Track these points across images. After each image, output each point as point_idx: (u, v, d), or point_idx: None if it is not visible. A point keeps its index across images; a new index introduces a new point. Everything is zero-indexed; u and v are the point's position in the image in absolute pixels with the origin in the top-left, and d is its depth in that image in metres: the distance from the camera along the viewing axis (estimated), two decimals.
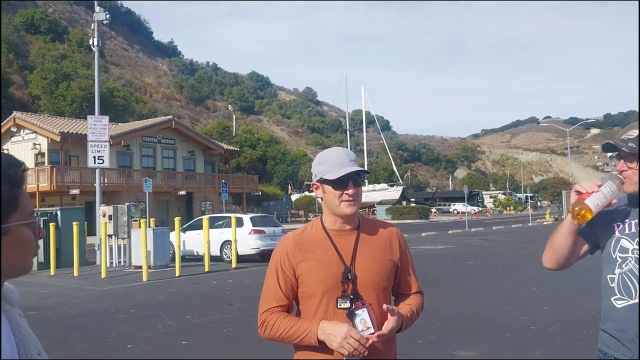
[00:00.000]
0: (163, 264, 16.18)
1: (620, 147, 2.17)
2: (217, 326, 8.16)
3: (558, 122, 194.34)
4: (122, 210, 17.65)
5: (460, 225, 39.22)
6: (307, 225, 2.27)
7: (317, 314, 2.09)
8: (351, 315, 2.05)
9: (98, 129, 18.93)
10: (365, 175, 2.18)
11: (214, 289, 12.38)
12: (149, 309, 9.93)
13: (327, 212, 2.19)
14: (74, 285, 13.58)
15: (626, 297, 2.17)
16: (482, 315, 8.52)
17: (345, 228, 2.17)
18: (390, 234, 2.23)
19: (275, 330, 2.10)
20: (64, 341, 7.39)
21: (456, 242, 24.51)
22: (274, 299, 2.15)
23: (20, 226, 1.24)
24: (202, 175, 44.55)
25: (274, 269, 2.19)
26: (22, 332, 1.29)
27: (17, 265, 1.26)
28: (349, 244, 2.15)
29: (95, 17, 21.45)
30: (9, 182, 1.22)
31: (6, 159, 1.24)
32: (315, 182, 2.20)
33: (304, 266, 2.12)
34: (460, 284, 12.26)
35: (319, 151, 25.73)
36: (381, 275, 2.14)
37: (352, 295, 2.08)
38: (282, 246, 2.20)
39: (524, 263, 15.86)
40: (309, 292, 2.12)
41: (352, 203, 2.11)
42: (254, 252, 17.72)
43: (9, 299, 1.31)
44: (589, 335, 6.67)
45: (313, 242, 2.17)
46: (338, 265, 2.10)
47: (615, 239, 2.24)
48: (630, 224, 2.23)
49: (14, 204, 1.23)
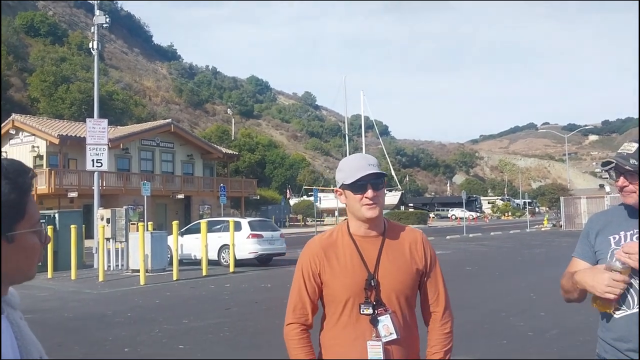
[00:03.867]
0: (161, 267, 16.16)
1: (623, 166, 2.15)
2: (214, 330, 8.15)
3: (556, 128, 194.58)
4: (120, 214, 17.64)
5: (458, 230, 39.24)
6: (333, 229, 2.29)
7: (342, 318, 2.14)
8: (374, 321, 2.08)
9: (97, 132, 18.94)
10: (384, 179, 2.18)
11: (212, 293, 12.36)
12: (146, 312, 9.92)
13: (352, 217, 2.22)
14: (72, 289, 13.56)
15: (624, 307, 2.17)
16: (480, 321, 8.52)
17: (371, 234, 2.19)
18: (415, 240, 2.24)
19: (288, 348, 2.20)
20: (61, 344, 7.37)
21: (454, 248, 24.50)
22: (299, 312, 2.19)
23: (27, 233, 1.25)
24: (201, 179, 44.52)
25: (300, 272, 2.22)
26: (24, 335, 1.30)
27: (22, 272, 1.27)
28: (374, 250, 2.16)
29: (95, 20, 21.49)
30: (18, 190, 1.23)
31: (16, 166, 1.25)
32: (338, 189, 2.22)
33: (329, 271, 2.15)
34: (457, 289, 12.22)
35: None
36: (404, 284, 2.16)
37: (375, 301, 2.10)
38: (309, 250, 2.23)
39: (522, 269, 15.87)
40: (333, 297, 2.16)
41: (372, 206, 2.13)
42: (252, 257, 17.71)
43: (10, 303, 1.32)
44: (586, 341, 6.66)
45: (339, 247, 2.19)
46: (362, 272, 2.13)
47: (612, 251, 2.24)
48: (627, 236, 2.23)
49: (21, 212, 1.24)
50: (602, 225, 2.32)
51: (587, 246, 2.35)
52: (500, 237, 32.60)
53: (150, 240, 15.76)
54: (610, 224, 2.29)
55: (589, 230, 2.37)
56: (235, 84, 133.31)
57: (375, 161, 2.19)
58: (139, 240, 14.77)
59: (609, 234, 2.27)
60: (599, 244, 2.30)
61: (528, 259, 18.78)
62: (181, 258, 17.10)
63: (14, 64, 61.86)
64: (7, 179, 1.21)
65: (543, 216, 58.18)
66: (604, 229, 2.30)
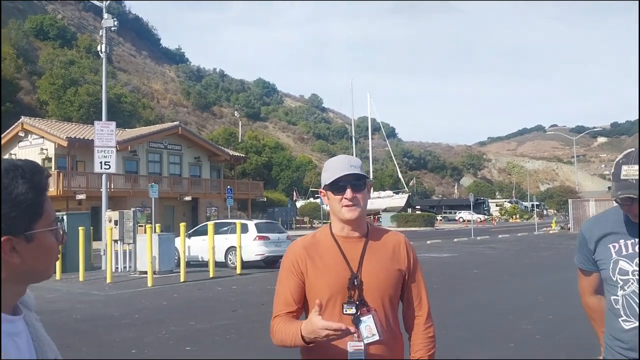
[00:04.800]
0: (168, 269, 16.20)
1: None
2: (221, 332, 8.17)
3: (565, 131, 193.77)
4: (128, 216, 17.70)
5: (466, 233, 39.11)
6: (316, 231, 2.29)
7: (323, 319, 2.08)
8: (357, 321, 2.04)
9: (105, 134, 19.03)
10: (365, 181, 2.14)
11: (219, 295, 12.39)
12: (153, 314, 9.95)
13: (334, 219, 2.21)
14: (79, 290, 13.62)
15: (632, 318, 2.18)
16: (487, 324, 8.49)
17: (353, 235, 2.18)
18: (398, 243, 2.23)
19: (278, 335, 2.10)
20: (69, 346, 7.40)
21: (462, 250, 24.43)
22: (282, 304, 2.16)
23: (44, 233, 1.27)
24: (208, 181, 44.62)
25: (284, 273, 2.20)
26: (39, 336, 1.32)
27: (40, 271, 1.29)
28: (357, 250, 2.15)
29: (104, 23, 21.60)
30: (35, 189, 1.24)
31: (31, 166, 1.26)
32: (322, 190, 2.22)
33: (312, 271, 2.13)
34: (465, 292, 12.22)
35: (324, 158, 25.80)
36: (387, 283, 2.14)
37: (358, 301, 2.08)
38: (292, 251, 2.22)
39: (530, 272, 15.80)
40: (315, 296, 2.11)
41: (352, 207, 2.11)
42: (259, 259, 17.72)
43: (26, 304, 1.34)
44: (594, 345, 6.61)
45: (321, 247, 2.18)
46: (345, 271, 2.11)
47: (614, 261, 2.24)
48: (627, 245, 2.22)
49: (38, 211, 1.25)
50: (601, 233, 2.31)
51: (588, 255, 2.36)
52: (508, 240, 32.47)
53: (157, 242, 15.81)
54: (609, 231, 2.29)
55: (587, 238, 2.36)
56: (242, 87, 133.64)
57: (358, 163, 2.17)
58: (147, 242, 14.82)
59: (609, 242, 2.27)
60: (600, 253, 2.29)
61: (536, 262, 18.69)
62: (188, 260, 17.15)
63: (23, 67, 62.30)
64: (24, 179, 1.23)
65: (551, 219, 57.90)
66: (604, 238, 2.29)
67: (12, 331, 1.22)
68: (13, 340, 1.21)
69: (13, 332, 1.22)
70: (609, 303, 2.28)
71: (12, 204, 1.20)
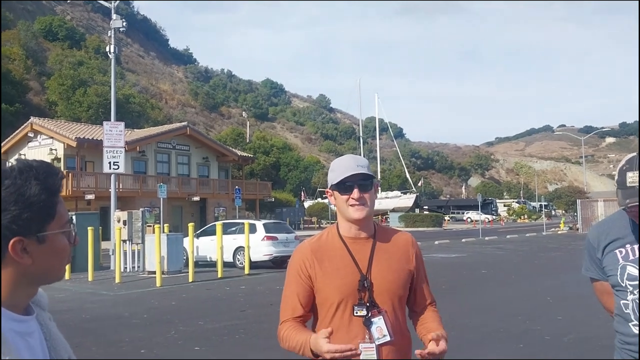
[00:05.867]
0: (176, 269, 16.25)
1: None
2: (229, 332, 8.18)
3: (573, 131, 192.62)
4: (137, 216, 17.77)
5: (474, 233, 38.98)
6: (322, 232, 2.27)
7: (333, 321, 2.08)
8: (367, 323, 2.04)
9: (114, 134, 19.11)
10: (372, 181, 2.14)
11: (227, 295, 12.41)
12: (162, 314, 9.99)
13: (342, 219, 2.19)
14: (88, 290, 13.68)
15: None
16: (496, 325, 8.46)
17: (361, 236, 2.16)
18: (406, 243, 2.23)
19: (286, 343, 2.10)
20: (78, 345, 7.44)
21: (470, 251, 24.36)
22: (290, 310, 2.15)
23: (56, 234, 1.27)
24: (216, 181, 44.71)
25: (291, 276, 2.18)
26: (53, 335, 1.32)
27: (52, 272, 1.29)
28: (365, 251, 2.14)
29: (112, 24, 21.69)
30: (48, 190, 1.25)
31: (45, 167, 1.27)
32: (329, 190, 2.21)
33: (321, 274, 2.12)
34: (473, 292, 12.18)
35: (332, 158, 26.00)
36: (397, 284, 2.13)
37: (369, 303, 2.07)
38: (299, 255, 2.19)
39: (538, 272, 15.73)
40: (324, 299, 2.11)
41: (359, 207, 2.10)
42: (267, 259, 17.74)
43: (39, 304, 1.35)
44: (604, 346, 6.59)
45: (329, 249, 2.16)
46: (354, 273, 2.10)
47: (621, 267, 2.23)
48: (634, 249, 2.22)
49: (52, 213, 1.26)
50: (608, 239, 2.30)
51: (596, 263, 2.36)
52: (516, 240, 32.33)
53: (166, 242, 15.86)
54: (615, 237, 2.28)
55: (595, 246, 2.35)
56: (250, 87, 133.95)
57: (365, 162, 2.17)
58: (155, 242, 14.88)
59: (615, 248, 2.26)
60: (607, 259, 2.29)
61: (544, 263, 18.61)
62: (197, 260, 17.20)
63: (32, 68, 62.73)
64: (37, 180, 1.23)
65: (559, 219, 57.62)
66: (611, 244, 2.28)
67: (24, 331, 1.22)
68: (25, 339, 1.21)
69: (25, 331, 1.23)
70: (619, 308, 2.26)
71: (24, 205, 1.20)
